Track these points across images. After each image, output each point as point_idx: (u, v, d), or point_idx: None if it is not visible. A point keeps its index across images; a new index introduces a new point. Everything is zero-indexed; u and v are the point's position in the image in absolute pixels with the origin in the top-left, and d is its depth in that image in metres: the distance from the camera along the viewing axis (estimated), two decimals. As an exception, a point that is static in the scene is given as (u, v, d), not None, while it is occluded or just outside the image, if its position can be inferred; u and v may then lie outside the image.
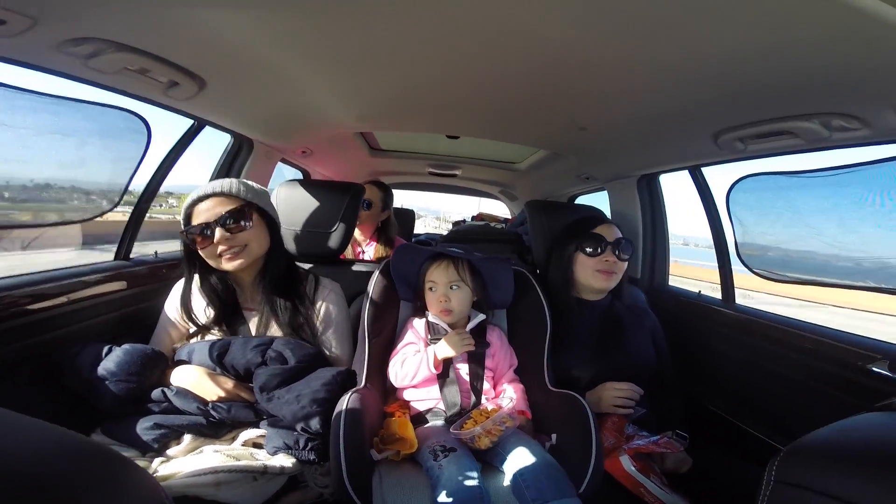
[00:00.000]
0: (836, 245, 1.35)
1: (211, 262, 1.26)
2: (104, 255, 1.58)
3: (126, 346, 1.15)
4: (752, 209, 1.54)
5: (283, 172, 2.56)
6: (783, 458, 0.60)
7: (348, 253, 2.28)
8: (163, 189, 1.66)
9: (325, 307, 1.39)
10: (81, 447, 0.44)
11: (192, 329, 1.32)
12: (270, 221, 1.35)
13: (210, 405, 1.14)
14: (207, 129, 1.67)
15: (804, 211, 1.43)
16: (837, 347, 1.27)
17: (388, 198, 2.37)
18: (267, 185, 2.19)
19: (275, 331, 1.31)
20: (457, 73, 1.21)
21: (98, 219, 1.40)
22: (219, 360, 1.20)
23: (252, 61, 1.18)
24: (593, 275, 1.48)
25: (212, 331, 1.31)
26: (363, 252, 2.35)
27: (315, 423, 1.08)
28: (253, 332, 1.31)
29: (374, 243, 2.33)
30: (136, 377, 1.11)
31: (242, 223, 1.25)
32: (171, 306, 1.34)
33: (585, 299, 1.54)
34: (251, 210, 1.29)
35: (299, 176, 2.82)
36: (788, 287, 1.67)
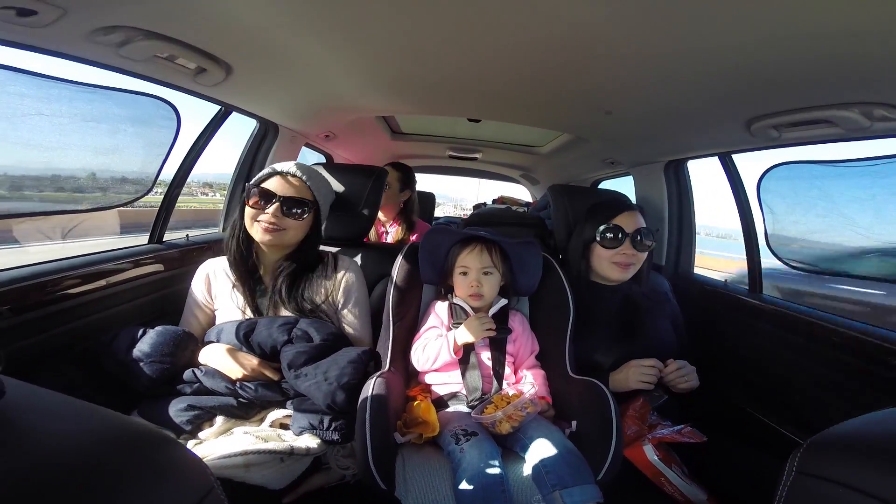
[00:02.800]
0: (873, 237, 1.30)
1: (247, 222, 1.31)
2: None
3: (158, 328, 1.20)
4: (785, 198, 1.49)
5: (306, 157, 2.58)
6: (807, 449, 0.59)
7: (372, 235, 2.31)
8: (199, 179, 1.71)
9: (344, 282, 1.41)
10: (135, 430, 0.45)
11: (217, 307, 1.37)
12: (317, 223, 1.40)
13: (238, 384, 1.18)
14: (234, 116, 1.70)
15: (840, 201, 1.38)
16: (868, 342, 1.23)
17: (407, 178, 2.38)
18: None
19: (282, 311, 1.34)
20: (481, 56, 1.19)
21: (131, 206, 1.45)
22: (245, 340, 1.23)
23: (277, 47, 1.19)
24: (609, 266, 1.46)
25: (236, 307, 1.34)
26: (386, 233, 2.37)
27: (342, 400, 1.11)
28: (263, 309, 1.35)
29: (397, 225, 2.35)
30: (169, 357, 1.16)
31: (296, 213, 1.31)
32: (198, 287, 1.39)
33: (603, 284, 1.53)
34: (312, 208, 1.35)
35: (321, 160, 2.84)
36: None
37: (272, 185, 1.30)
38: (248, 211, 1.30)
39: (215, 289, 1.38)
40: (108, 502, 0.36)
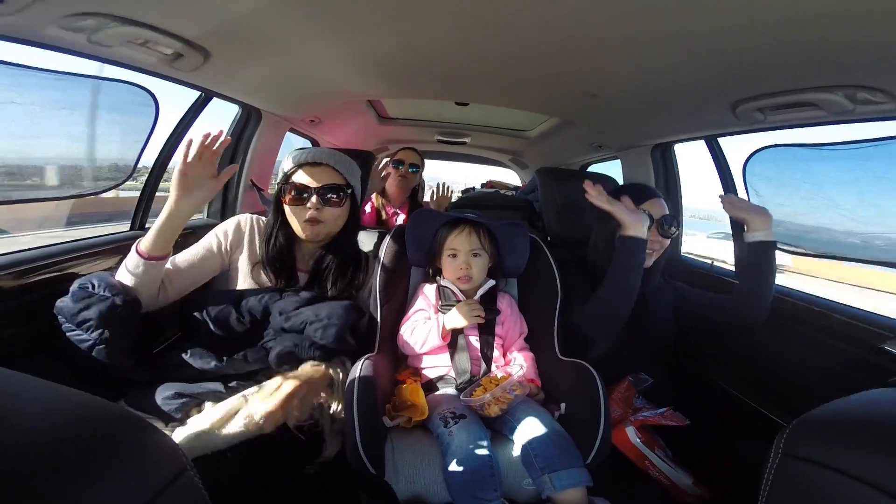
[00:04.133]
0: (855, 219, 1.32)
1: (291, 220, 1.30)
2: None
3: (67, 295, 1.06)
4: (771, 180, 1.51)
5: (292, 142, 2.54)
6: (791, 431, 0.61)
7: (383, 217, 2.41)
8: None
9: (370, 284, 1.41)
10: (105, 412, 0.45)
11: (228, 266, 1.33)
12: (355, 206, 1.39)
13: (225, 360, 1.16)
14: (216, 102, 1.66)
15: (824, 183, 1.39)
16: (851, 325, 1.26)
17: (424, 163, 2.51)
18: (276, 155, 2.19)
19: None
20: (466, 37, 1.17)
21: (109, 194, 1.42)
22: (237, 306, 1.22)
23: (256, 30, 1.16)
24: None
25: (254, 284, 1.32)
26: (396, 214, 2.42)
27: (332, 335, 1.11)
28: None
29: (404, 212, 2.43)
30: (87, 318, 1.03)
31: (334, 201, 1.29)
32: (222, 234, 1.33)
33: None
34: (347, 192, 1.33)
35: (308, 145, 2.80)
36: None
37: (301, 177, 1.28)
38: (291, 210, 1.28)
39: (236, 253, 1.33)
40: (76, 482, 0.37)
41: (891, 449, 0.52)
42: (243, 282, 1.32)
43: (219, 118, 2.05)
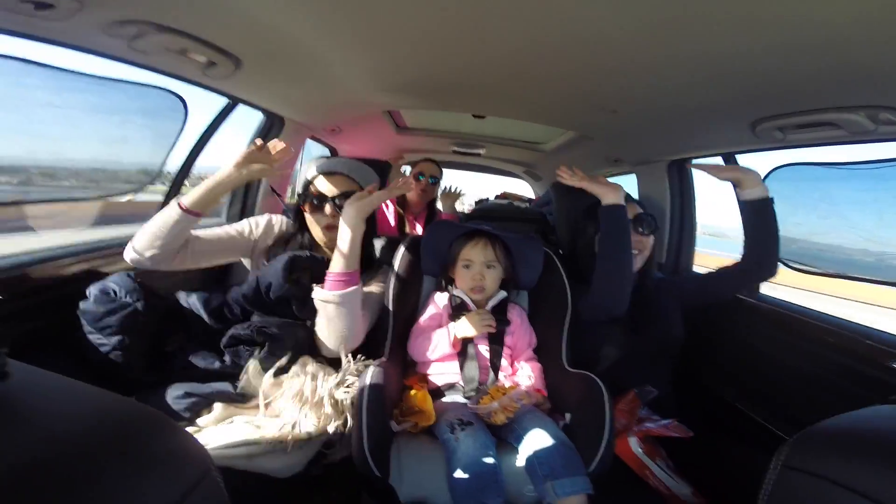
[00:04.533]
0: (873, 239, 1.31)
1: (311, 227, 1.39)
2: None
3: (90, 298, 1.11)
4: (788, 199, 1.50)
5: (311, 150, 2.60)
6: (793, 444, 0.61)
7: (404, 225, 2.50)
8: (203, 171, 1.73)
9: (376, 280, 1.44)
10: (135, 412, 0.46)
11: (258, 260, 1.39)
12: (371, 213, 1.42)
13: (224, 354, 1.20)
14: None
15: (842, 203, 1.38)
16: (858, 342, 1.25)
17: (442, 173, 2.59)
18: (296, 162, 2.24)
19: None
20: (488, 53, 1.20)
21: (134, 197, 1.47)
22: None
23: (286, 40, 1.20)
24: None
25: None
26: (414, 223, 2.50)
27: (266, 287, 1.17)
28: None
29: (423, 218, 2.51)
30: (111, 324, 1.09)
31: None
32: (252, 226, 1.41)
33: None
34: None
35: (325, 153, 2.86)
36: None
37: (320, 186, 1.35)
38: (312, 218, 1.36)
39: (262, 244, 1.40)
40: (114, 483, 0.37)
41: (891, 465, 0.52)
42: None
43: (244, 124, 2.12)
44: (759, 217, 1.35)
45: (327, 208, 1.33)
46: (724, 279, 1.49)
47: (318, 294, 1.19)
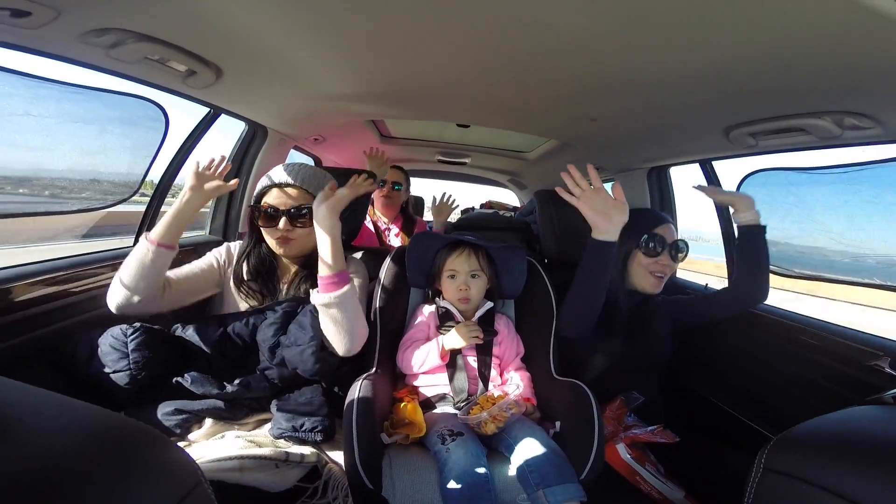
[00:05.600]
0: (844, 242, 1.35)
1: (267, 240, 1.34)
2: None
3: (111, 334, 1.12)
4: (763, 204, 1.54)
5: (295, 160, 2.58)
6: (773, 447, 0.62)
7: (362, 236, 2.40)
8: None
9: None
10: (126, 427, 0.46)
11: (223, 289, 1.37)
12: None
13: (227, 387, 1.16)
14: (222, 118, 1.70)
15: (814, 207, 1.43)
16: (841, 343, 1.29)
17: (408, 178, 2.58)
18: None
19: None
20: (469, 62, 1.21)
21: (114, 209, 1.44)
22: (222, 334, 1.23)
23: (268, 50, 1.19)
24: (646, 276, 1.44)
25: (245, 292, 1.34)
26: (388, 231, 2.47)
27: (309, 364, 1.12)
28: None
29: (398, 225, 2.48)
30: (135, 361, 1.09)
31: (302, 222, 1.30)
32: (218, 258, 1.38)
33: (634, 290, 1.50)
34: None
35: (310, 163, 2.84)
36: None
37: (273, 198, 1.31)
38: (265, 231, 1.32)
39: (229, 271, 1.37)
40: (94, 496, 0.37)
41: (867, 465, 0.53)
42: (233, 300, 1.35)
43: (227, 134, 2.10)
44: (752, 242, 1.37)
45: (281, 222, 1.28)
46: (718, 304, 1.50)
47: (317, 299, 1.17)
